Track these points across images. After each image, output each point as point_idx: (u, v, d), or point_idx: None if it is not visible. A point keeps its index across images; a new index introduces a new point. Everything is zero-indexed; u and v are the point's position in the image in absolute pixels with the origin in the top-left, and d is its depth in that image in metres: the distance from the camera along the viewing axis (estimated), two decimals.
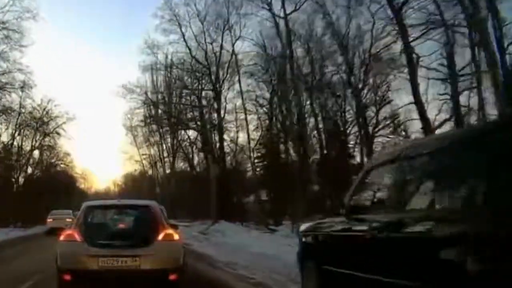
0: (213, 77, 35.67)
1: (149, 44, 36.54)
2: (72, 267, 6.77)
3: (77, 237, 6.95)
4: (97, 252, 6.76)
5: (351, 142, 29.70)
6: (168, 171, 51.49)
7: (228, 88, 36.79)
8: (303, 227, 6.46)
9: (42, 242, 20.18)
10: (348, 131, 29.80)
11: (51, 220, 28.69)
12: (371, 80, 27.65)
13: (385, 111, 28.21)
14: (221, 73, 35.81)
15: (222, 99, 36.36)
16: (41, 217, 38.25)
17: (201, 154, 43.32)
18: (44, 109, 45.25)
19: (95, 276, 6.75)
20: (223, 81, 35.78)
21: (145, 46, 36.79)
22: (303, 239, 6.20)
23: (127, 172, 69.15)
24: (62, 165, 52.44)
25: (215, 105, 36.44)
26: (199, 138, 42.17)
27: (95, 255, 6.73)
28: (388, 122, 28.07)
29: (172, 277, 6.87)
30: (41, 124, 45.93)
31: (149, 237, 7.02)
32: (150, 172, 59.77)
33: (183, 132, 44.68)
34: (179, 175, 48.67)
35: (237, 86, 34.93)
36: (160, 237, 7.04)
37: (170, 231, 7.25)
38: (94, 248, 6.81)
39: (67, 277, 6.78)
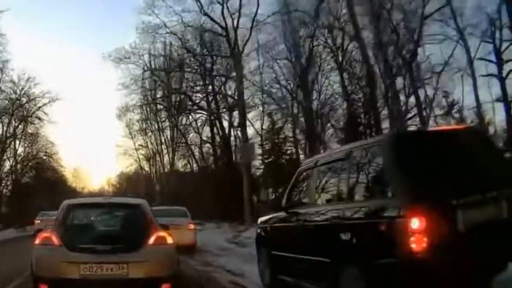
0: (231, 37, 34.53)
1: (149, 1, 35.88)
2: (49, 275, 7.04)
3: (55, 240, 7.24)
4: (79, 258, 7.03)
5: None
6: (167, 166, 52.62)
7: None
8: (259, 220, 9.58)
9: None
10: (371, 122, 29.83)
11: (39, 221, 31.89)
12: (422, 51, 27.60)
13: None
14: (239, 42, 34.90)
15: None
16: (23, 218, 39.64)
17: (207, 145, 43.78)
18: (22, 89, 45.88)
19: (76, 285, 7.04)
20: (245, 44, 34.81)
21: (144, 5, 36.08)
22: (258, 230, 9.46)
23: (122, 171, 73.12)
24: (45, 157, 53.25)
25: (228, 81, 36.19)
26: (206, 126, 42.45)
27: (76, 261, 7.00)
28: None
29: (165, 286, 7.16)
30: (17, 106, 46.43)
31: (138, 241, 7.30)
32: (147, 168, 62.15)
33: (184, 120, 45.24)
34: (181, 172, 49.77)
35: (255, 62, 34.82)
36: (151, 240, 7.33)
37: (162, 233, 7.53)
38: (74, 253, 7.08)
39: (43, 287, 7.08)
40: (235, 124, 38.54)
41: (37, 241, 7.50)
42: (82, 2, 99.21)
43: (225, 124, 40.30)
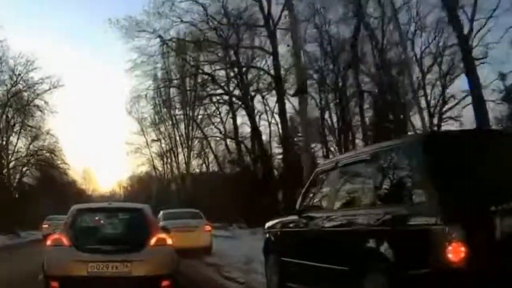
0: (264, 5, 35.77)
1: None
2: (59, 273, 9.34)
3: (65, 241, 9.59)
4: (86, 258, 9.32)
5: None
6: (182, 165, 55.62)
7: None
8: (266, 225, 10.57)
9: None
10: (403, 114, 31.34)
11: (46, 225, 36.19)
12: None
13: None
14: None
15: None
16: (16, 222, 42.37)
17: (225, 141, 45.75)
18: (19, 75, 47.46)
19: (84, 283, 9.30)
20: (281, 13, 35.05)
21: None
22: (266, 235, 10.43)
23: (133, 173, 79.30)
24: (48, 154, 55.31)
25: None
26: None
27: (84, 260, 9.29)
28: None
29: (164, 283, 9.41)
30: (13, 94, 47.96)
31: (140, 242, 9.60)
32: (160, 167, 66.86)
33: (202, 111, 47.01)
34: (199, 172, 52.66)
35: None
36: (152, 241, 9.63)
37: (162, 235, 9.88)
38: (83, 253, 9.39)
39: (55, 284, 9.36)
40: (264, 111, 40.13)
41: (48, 242, 9.90)
42: None
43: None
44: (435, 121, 30.94)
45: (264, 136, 42.33)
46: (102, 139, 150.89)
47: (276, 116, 40.32)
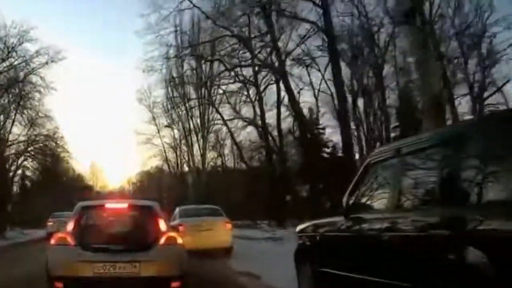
0: None
1: None
2: (63, 273, 10.31)
3: (70, 240, 10.59)
4: (92, 257, 10.30)
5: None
6: (197, 157, 57.24)
7: None
8: (299, 228, 10.42)
9: None
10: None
11: (51, 223, 39.36)
12: None
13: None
14: None
15: None
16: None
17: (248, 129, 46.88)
18: (12, 47, 47.51)
19: (90, 283, 10.28)
20: None
21: None
22: (299, 241, 10.14)
23: (142, 170, 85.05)
24: (47, 142, 56.52)
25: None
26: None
27: (90, 260, 10.26)
28: None
29: (174, 284, 10.38)
30: (4, 69, 47.99)
31: (150, 241, 10.62)
32: (172, 160, 69.86)
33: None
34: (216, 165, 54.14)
35: None
36: (162, 240, 10.63)
37: (172, 234, 10.90)
38: (88, 252, 10.38)
39: (59, 284, 10.34)
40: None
41: (52, 241, 10.92)
42: None
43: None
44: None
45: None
46: (110, 133, 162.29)
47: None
